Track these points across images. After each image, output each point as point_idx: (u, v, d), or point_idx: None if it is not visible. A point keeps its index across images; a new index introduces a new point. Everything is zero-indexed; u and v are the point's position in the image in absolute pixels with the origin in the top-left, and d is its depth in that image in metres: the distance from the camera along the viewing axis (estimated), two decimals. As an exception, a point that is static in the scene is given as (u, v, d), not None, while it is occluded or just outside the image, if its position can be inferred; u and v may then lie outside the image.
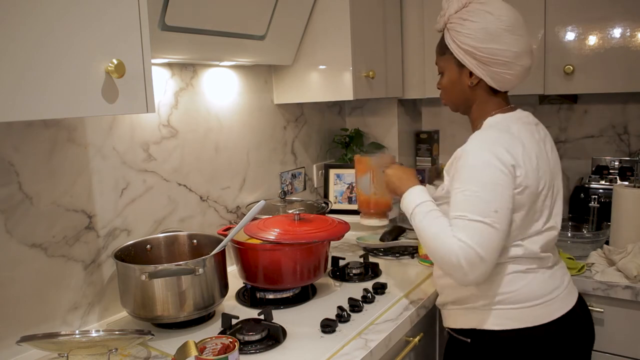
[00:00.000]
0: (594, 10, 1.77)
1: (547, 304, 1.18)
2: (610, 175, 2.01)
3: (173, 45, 1.34)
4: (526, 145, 1.15)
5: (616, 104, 2.09)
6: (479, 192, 1.09)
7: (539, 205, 1.17)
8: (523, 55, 1.18)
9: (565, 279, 1.25)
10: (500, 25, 1.15)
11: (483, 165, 1.10)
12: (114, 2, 0.90)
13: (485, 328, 1.18)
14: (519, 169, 1.11)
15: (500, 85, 1.22)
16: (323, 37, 1.78)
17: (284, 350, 1.16)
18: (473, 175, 1.11)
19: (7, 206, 1.14)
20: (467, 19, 1.17)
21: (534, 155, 1.15)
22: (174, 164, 1.55)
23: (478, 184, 1.09)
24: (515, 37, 1.16)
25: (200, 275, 1.23)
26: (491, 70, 1.18)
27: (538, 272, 1.19)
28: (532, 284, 1.18)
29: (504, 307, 1.17)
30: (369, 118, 2.37)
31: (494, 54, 1.16)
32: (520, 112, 1.25)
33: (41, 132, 1.20)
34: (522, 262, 1.18)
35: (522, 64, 1.18)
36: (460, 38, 1.18)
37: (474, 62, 1.19)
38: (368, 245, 1.86)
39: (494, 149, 1.11)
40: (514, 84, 1.22)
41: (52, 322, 1.24)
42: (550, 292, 1.19)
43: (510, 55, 1.16)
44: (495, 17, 1.15)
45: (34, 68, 0.80)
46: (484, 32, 1.15)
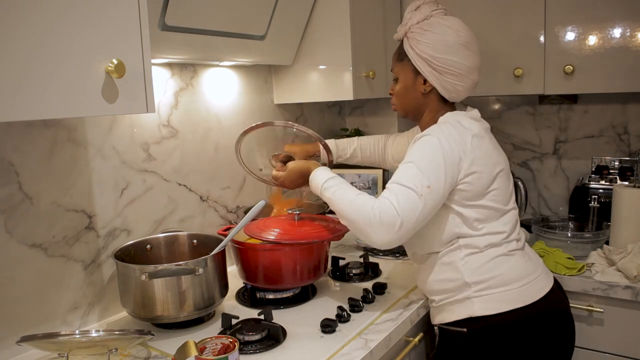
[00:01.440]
0: (594, 10, 1.77)
1: (531, 283, 1.24)
2: (610, 175, 2.01)
3: (173, 45, 1.34)
4: (477, 133, 1.23)
5: (616, 104, 2.09)
6: (419, 166, 1.16)
7: (504, 185, 1.25)
8: (474, 71, 1.28)
9: (540, 260, 1.35)
10: (458, 39, 1.24)
11: (431, 146, 1.18)
12: (114, 2, 0.90)
13: (479, 315, 1.22)
14: (466, 156, 1.19)
15: (450, 95, 1.30)
16: (323, 37, 1.78)
17: (284, 350, 1.16)
18: (419, 152, 1.19)
19: (7, 206, 1.14)
20: (428, 30, 1.25)
21: (485, 143, 1.24)
22: (174, 164, 1.55)
23: (421, 160, 1.17)
24: (470, 52, 1.26)
25: (200, 275, 1.23)
26: (444, 80, 1.26)
27: (516, 254, 1.26)
28: (514, 266, 1.24)
29: (493, 291, 1.22)
30: (369, 118, 2.37)
31: (449, 64, 1.24)
32: (466, 111, 1.32)
33: (41, 132, 1.20)
34: (502, 245, 1.24)
35: (472, 78, 1.28)
36: (419, 46, 1.26)
37: (429, 70, 1.27)
38: (368, 245, 1.86)
39: (445, 137, 1.19)
40: (463, 95, 1.31)
41: (52, 322, 1.24)
42: (533, 271, 1.27)
43: (463, 68, 1.25)
44: (454, 31, 1.24)
45: (34, 68, 0.80)
46: (442, 44, 1.24)
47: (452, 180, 1.18)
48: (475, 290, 1.23)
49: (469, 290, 1.23)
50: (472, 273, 1.23)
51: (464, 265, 1.23)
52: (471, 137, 1.21)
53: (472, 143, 1.20)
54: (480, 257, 1.23)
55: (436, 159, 1.17)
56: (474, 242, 1.23)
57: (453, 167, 1.17)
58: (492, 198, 1.23)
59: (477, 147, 1.21)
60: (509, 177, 1.30)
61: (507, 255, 1.24)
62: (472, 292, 1.23)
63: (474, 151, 1.20)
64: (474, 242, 1.23)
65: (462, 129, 1.22)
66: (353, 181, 2.14)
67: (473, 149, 1.20)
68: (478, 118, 1.31)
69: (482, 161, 1.21)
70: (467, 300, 1.24)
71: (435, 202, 1.16)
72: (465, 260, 1.23)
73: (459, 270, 1.24)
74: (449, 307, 1.28)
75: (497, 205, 1.24)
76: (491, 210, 1.24)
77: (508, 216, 1.27)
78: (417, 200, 1.13)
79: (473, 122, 1.26)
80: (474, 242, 1.23)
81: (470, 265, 1.23)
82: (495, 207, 1.24)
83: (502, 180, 1.26)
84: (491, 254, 1.23)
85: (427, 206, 1.14)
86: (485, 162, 1.22)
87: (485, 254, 1.23)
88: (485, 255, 1.23)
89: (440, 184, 1.16)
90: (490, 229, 1.24)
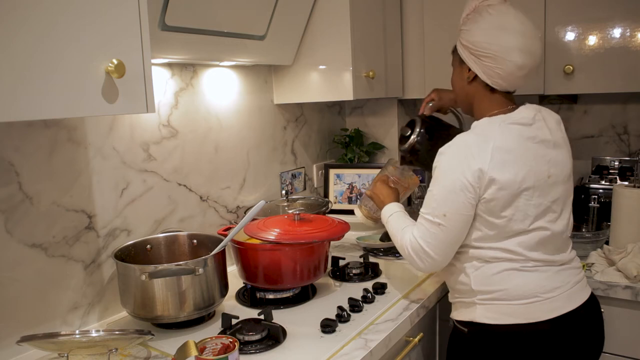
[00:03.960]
0: (594, 10, 1.77)
1: (543, 302, 1.19)
2: (610, 175, 2.01)
3: (173, 45, 1.34)
4: (502, 146, 1.17)
5: (616, 104, 2.09)
6: (436, 195, 1.21)
7: (521, 205, 1.18)
8: (513, 52, 1.20)
9: (573, 279, 1.25)
10: (492, 21, 1.23)
11: (446, 169, 1.20)
12: (114, 2, 0.90)
13: (480, 321, 1.22)
14: (483, 175, 1.15)
15: (492, 80, 1.25)
16: (323, 37, 1.78)
17: (284, 350, 1.16)
18: (438, 178, 1.22)
19: (7, 206, 1.14)
20: (470, 19, 1.26)
21: (512, 156, 1.17)
22: (174, 164, 1.55)
23: (438, 187, 1.21)
24: (506, 33, 1.21)
25: (200, 275, 1.23)
26: (483, 64, 1.24)
27: (537, 270, 1.21)
28: (527, 282, 1.20)
29: (498, 302, 1.20)
30: (369, 118, 2.37)
31: (483, 47, 1.22)
32: (517, 113, 1.24)
33: (41, 132, 1.20)
34: (514, 261, 1.20)
35: (512, 59, 1.20)
36: (462, 35, 1.28)
37: (469, 56, 1.27)
38: (368, 245, 1.86)
39: (459, 154, 1.19)
40: (508, 82, 1.24)
41: (52, 322, 1.24)
42: (548, 291, 1.20)
43: (498, 49, 1.20)
44: (493, 16, 1.23)
45: (34, 68, 0.80)
46: (478, 28, 1.24)
47: (471, 199, 1.17)
48: (479, 298, 1.22)
49: (474, 297, 1.23)
50: (479, 282, 1.22)
51: (473, 272, 1.23)
52: (491, 149, 1.16)
53: (493, 155, 1.16)
54: (491, 267, 1.21)
55: (449, 184, 1.18)
56: (481, 254, 1.22)
57: (470, 190, 1.16)
58: (509, 216, 1.18)
59: (498, 161, 1.15)
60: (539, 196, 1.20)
61: (520, 271, 1.20)
62: (477, 299, 1.23)
63: (493, 163, 1.15)
64: (481, 254, 1.22)
65: (484, 140, 1.17)
66: (353, 181, 2.14)
67: (493, 161, 1.15)
68: (526, 121, 1.22)
69: (507, 177, 1.16)
70: (472, 305, 1.24)
71: (458, 225, 1.19)
72: (475, 268, 1.23)
73: (468, 276, 1.24)
74: (458, 306, 1.30)
75: (510, 224, 1.18)
76: (499, 228, 1.19)
77: (526, 237, 1.20)
78: (436, 230, 1.21)
79: (510, 128, 1.20)
80: (481, 254, 1.22)
81: (479, 274, 1.22)
82: (507, 225, 1.18)
83: (525, 199, 1.18)
84: (502, 266, 1.20)
85: (449, 232, 1.20)
86: (509, 179, 1.16)
87: (494, 265, 1.21)
88: (496, 266, 1.21)
89: (456, 208, 1.18)
90: (499, 246, 1.20)
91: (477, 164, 1.15)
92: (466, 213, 1.18)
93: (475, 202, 1.18)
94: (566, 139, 1.32)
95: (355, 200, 2.14)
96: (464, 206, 1.18)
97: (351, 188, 2.15)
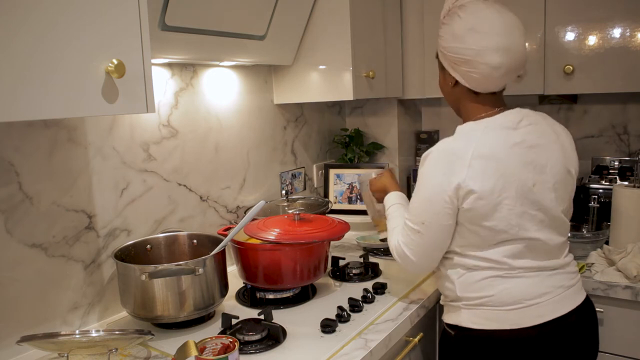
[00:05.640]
0: (594, 10, 1.77)
1: (530, 308, 1.16)
2: (610, 175, 2.01)
3: (173, 45, 1.34)
4: (485, 154, 1.13)
5: (616, 104, 2.09)
6: (416, 202, 1.22)
7: (503, 214, 1.14)
8: (485, 53, 1.15)
9: (564, 284, 1.21)
10: (464, 25, 1.18)
11: (426, 177, 1.20)
12: (114, 2, 0.91)
13: (465, 325, 1.21)
14: (463, 184, 1.12)
15: (472, 84, 1.21)
16: (323, 37, 1.78)
17: (284, 350, 1.16)
18: (419, 185, 1.22)
19: (7, 206, 1.14)
20: (444, 23, 1.24)
21: (495, 164, 1.13)
22: (174, 164, 1.55)
23: (418, 195, 1.22)
24: (478, 35, 1.15)
25: (200, 275, 1.23)
26: (459, 70, 1.21)
27: (524, 276, 1.17)
28: (513, 289, 1.17)
29: (483, 308, 1.19)
30: (369, 118, 2.37)
31: (455, 52, 1.19)
32: (502, 116, 1.21)
33: (41, 132, 1.20)
34: (499, 269, 1.17)
35: (485, 61, 1.15)
36: (438, 41, 1.25)
37: (447, 63, 1.25)
38: (368, 245, 1.86)
39: (439, 162, 1.17)
40: (486, 84, 1.20)
41: (52, 322, 1.24)
42: (535, 297, 1.16)
43: (471, 53, 1.16)
44: (462, 18, 1.19)
45: (34, 68, 0.80)
46: (450, 34, 1.20)
47: (449, 209, 1.15)
48: (465, 304, 1.21)
49: (460, 302, 1.23)
50: (464, 289, 1.21)
51: (457, 279, 1.22)
52: (470, 157, 1.13)
53: (472, 164, 1.12)
54: (474, 275, 1.19)
55: (427, 194, 1.18)
56: (465, 262, 1.20)
57: (447, 200, 1.14)
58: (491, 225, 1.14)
59: (477, 170, 1.12)
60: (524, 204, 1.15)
61: (505, 278, 1.17)
62: (462, 304, 1.22)
63: (472, 172, 1.12)
64: (465, 262, 1.20)
65: (464, 147, 1.14)
66: (353, 181, 2.14)
67: (472, 170, 1.12)
68: (511, 124, 1.19)
69: (482, 184, 1.12)
70: (458, 309, 1.23)
71: (437, 233, 1.19)
72: (459, 275, 1.22)
73: (452, 282, 1.23)
74: (447, 309, 1.29)
75: (493, 233, 1.15)
76: (485, 238, 1.16)
77: (511, 246, 1.16)
78: (416, 237, 1.22)
79: (495, 132, 1.16)
80: (465, 262, 1.20)
81: (462, 280, 1.21)
82: (489, 235, 1.16)
83: (508, 208, 1.14)
84: (485, 274, 1.18)
85: (429, 239, 1.20)
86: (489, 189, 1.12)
87: (478, 273, 1.19)
88: (479, 274, 1.19)
89: (435, 218, 1.18)
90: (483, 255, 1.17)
91: (456, 179, 1.13)
92: (445, 222, 1.17)
93: (453, 212, 1.16)
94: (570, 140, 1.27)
95: (355, 200, 2.14)
96: (442, 216, 1.17)
97: (351, 188, 2.15)
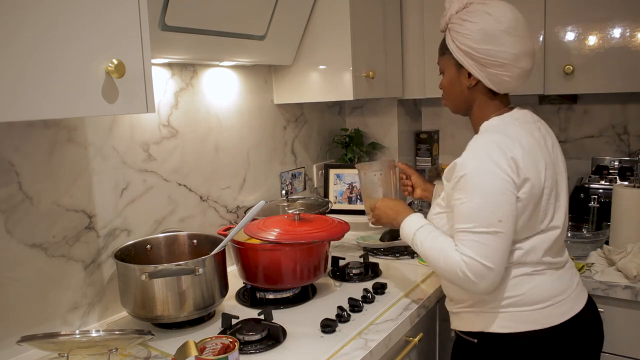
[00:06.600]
0: (594, 10, 1.77)
1: (555, 306, 1.16)
2: (610, 175, 2.01)
3: (173, 45, 1.34)
4: (525, 145, 1.12)
5: (616, 104, 2.09)
6: (482, 203, 1.09)
7: (542, 204, 1.14)
8: (522, 58, 1.15)
9: (574, 280, 1.23)
10: (498, 26, 1.13)
11: (483, 174, 1.09)
12: (114, 2, 0.91)
13: (492, 331, 1.17)
14: (520, 172, 1.09)
15: (498, 87, 1.20)
16: (323, 37, 1.78)
17: (284, 350, 1.16)
18: (474, 185, 1.10)
19: (7, 206, 1.14)
20: (467, 20, 1.16)
21: (534, 154, 1.13)
22: (174, 164, 1.55)
23: (480, 195, 1.09)
24: (514, 38, 1.14)
25: (200, 275, 1.23)
26: (488, 72, 1.17)
27: (545, 273, 1.18)
28: (540, 286, 1.16)
29: (511, 310, 1.16)
30: (369, 118, 2.37)
31: (491, 55, 1.14)
32: (517, 112, 1.23)
33: (41, 132, 1.20)
34: (527, 265, 1.16)
35: (521, 66, 1.16)
36: (459, 38, 1.17)
37: (471, 63, 1.17)
38: (368, 245, 1.86)
39: (492, 155, 1.09)
40: (513, 86, 1.20)
41: (52, 322, 1.24)
42: (559, 294, 1.17)
43: (507, 57, 1.14)
44: (494, 18, 1.14)
45: (34, 68, 0.80)
46: (481, 33, 1.14)
47: (514, 198, 1.09)
48: (491, 307, 1.17)
49: (486, 307, 1.18)
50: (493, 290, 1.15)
51: None
52: (521, 149, 1.10)
53: (523, 156, 1.10)
54: (503, 275, 1.14)
55: (495, 187, 1.08)
56: None
57: (512, 186, 1.08)
58: (527, 218, 1.12)
59: (527, 161, 1.11)
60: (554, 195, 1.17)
61: (532, 275, 1.16)
62: (489, 308, 1.18)
63: (525, 165, 1.10)
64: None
65: (509, 141, 1.11)
66: (353, 181, 2.14)
67: (524, 162, 1.10)
68: (530, 120, 1.20)
69: (534, 174, 1.11)
70: (482, 314, 1.19)
71: (513, 226, 1.10)
72: None
73: None
74: (465, 316, 1.24)
75: (531, 224, 1.14)
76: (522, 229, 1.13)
77: (543, 236, 1.16)
78: (495, 239, 1.08)
79: (522, 127, 1.17)
80: None
81: None
82: (528, 225, 1.14)
83: (546, 198, 1.14)
84: (513, 272, 1.16)
85: (508, 237, 1.09)
86: (536, 176, 1.11)
87: (507, 272, 1.15)
88: (508, 273, 1.15)
89: (508, 211, 1.08)
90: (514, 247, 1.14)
91: (510, 163, 1.08)
92: (515, 212, 1.10)
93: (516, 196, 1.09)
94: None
95: (355, 200, 2.14)
96: (513, 205, 1.09)
97: (351, 188, 2.14)
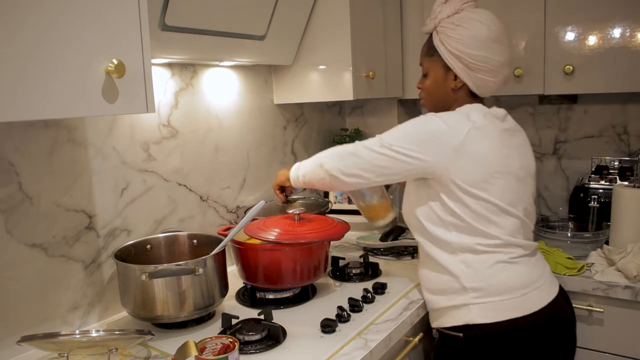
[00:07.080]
0: (594, 10, 1.77)
1: (534, 292, 1.21)
2: (610, 175, 2.01)
3: (173, 45, 1.34)
4: (479, 127, 1.19)
5: (616, 104, 2.09)
6: (400, 128, 1.24)
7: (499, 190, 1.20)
8: (506, 65, 1.26)
9: (546, 268, 1.31)
10: (489, 34, 1.22)
11: (422, 119, 1.24)
12: (114, 2, 0.91)
13: (477, 322, 1.20)
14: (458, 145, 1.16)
15: (482, 90, 1.28)
16: (323, 37, 1.78)
17: (284, 350, 1.16)
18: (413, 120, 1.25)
19: (7, 206, 1.15)
20: (459, 25, 1.22)
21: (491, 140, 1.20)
22: (174, 164, 1.55)
23: (411, 124, 1.24)
24: (502, 47, 1.24)
25: (200, 275, 1.23)
26: (476, 76, 1.25)
27: (520, 261, 1.23)
28: (518, 274, 1.21)
29: (492, 299, 1.20)
30: (369, 118, 2.37)
31: (481, 60, 1.22)
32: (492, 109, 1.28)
33: (41, 132, 1.20)
34: (502, 252, 1.21)
35: (504, 72, 1.27)
36: (450, 42, 1.23)
37: (461, 67, 1.25)
38: (368, 245, 1.86)
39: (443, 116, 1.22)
40: (493, 90, 1.30)
41: (52, 322, 1.24)
42: (535, 281, 1.23)
43: (495, 64, 1.23)
44: (486, 26, 1.22)
45: (34, 68, 0.80)
46: (474, 39, 1.21)
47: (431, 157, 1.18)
48: (473, 297, 1.20)
49: (467, 296, 1.21)
50: (470, 278, 1.21)
51: (462, 270, 1.22)
52: (468, 129, 1.17)
53: (469, 133, 1.17)
54: (480, 263, 1.20)
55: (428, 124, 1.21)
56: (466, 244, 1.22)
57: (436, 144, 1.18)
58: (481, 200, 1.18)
59: (471, 140, 1.17)
60: (517, 183, 1.24)
61: (509, 263, 1.21)
62: (470, 297, 1.20)
63: (466, 142, 1.17)
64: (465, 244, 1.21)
65: (465, 119, 1.20)
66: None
67: (466, 139, 1.17)
68: (500, 116, 1.26)
69: (472, 156, 1.17)
70: (465, 307, 1.22)
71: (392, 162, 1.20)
72: (464, 265, 1.21)
73: (457, 274, 1.22)
74: (447, 312, 1.26)
75: (484, 210, 1.19)
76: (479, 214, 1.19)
77: (506, 223, 1.21)
78: (377, 145, 1.22)
79: (484, 117, 1.22)
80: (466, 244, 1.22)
81: (469, 270, 1.21)
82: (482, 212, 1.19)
83: (501, 185, 1.20)
84: (491, 260, 1.20)
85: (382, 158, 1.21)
86: (476, 161, 1.18)
87: (484, 259, 1.20)
88: (485, 261, 1.20)
89: (408, 151, 1.19)
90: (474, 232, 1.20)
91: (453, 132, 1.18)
92: (413, 161, 1.20)
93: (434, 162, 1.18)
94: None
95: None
96: (416, 155, 1.20)
97: (351, 188, 2.14)
